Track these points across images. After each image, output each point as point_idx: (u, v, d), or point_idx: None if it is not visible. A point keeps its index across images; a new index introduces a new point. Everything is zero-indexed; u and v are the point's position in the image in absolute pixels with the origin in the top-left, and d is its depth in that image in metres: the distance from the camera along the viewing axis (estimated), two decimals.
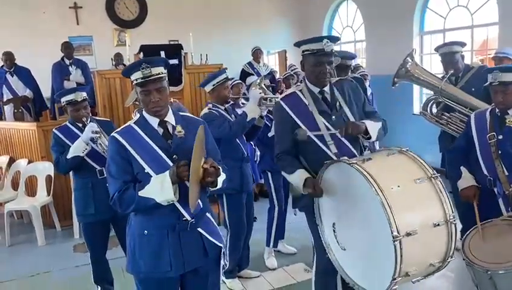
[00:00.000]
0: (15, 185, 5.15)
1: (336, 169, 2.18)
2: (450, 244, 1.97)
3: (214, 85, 3.36)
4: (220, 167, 1.98)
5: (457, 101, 3.59)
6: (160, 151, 1.99)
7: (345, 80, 2.61)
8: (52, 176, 4.80)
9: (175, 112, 2.12)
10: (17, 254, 4.47)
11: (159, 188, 1.88)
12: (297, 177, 2.34)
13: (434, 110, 3.87)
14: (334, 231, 2.27)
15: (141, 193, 1.91)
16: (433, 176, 1.99)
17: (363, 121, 2.37)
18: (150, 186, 1.91)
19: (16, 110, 5.98)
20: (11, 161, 5.30)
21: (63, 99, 3.05)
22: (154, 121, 2.05)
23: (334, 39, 2.35)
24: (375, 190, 1.87)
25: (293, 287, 3.47)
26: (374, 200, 1.87)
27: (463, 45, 3.85)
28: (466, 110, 3.55)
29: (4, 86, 6.07)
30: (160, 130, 2.05)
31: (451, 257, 1.99)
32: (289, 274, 3.67)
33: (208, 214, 2.14)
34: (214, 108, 3.34)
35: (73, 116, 3.06)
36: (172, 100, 4.06)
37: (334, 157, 2.27)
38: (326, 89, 2.43)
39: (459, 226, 2.03)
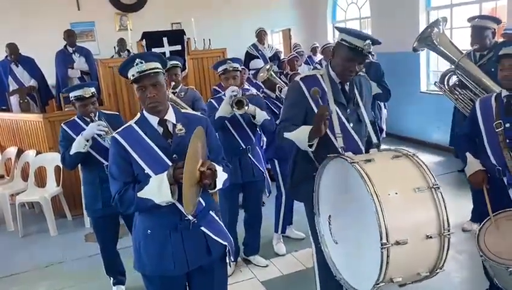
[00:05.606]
0: (25, 176, 5.21)
1: (338, 164, 2.16)
2: (441, 256, 1.93)
3: (217, 73, 3.50)
4: (219, 167, 1.97)
5: (471, 79, 3.49)
6: (159, 152, 1.98)
7: (361, 75, 2.55)
8: (61, 166, 4.82)
9: (176, 110, 2.09)
10: (30, 245, 4.55)
11: (157, 190, 1.88)
12: (301, 131, 2.24)
13: (451, 83, 3.78)
14: (329, 223, 2.27)
15: (140, 194, 1.91)
16: (434, 186, 1.93)
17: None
18: (149, 187, 1.91)
19: (21, 101, 5.99)
20: (20, 152, 5.33)
21: (71, 95, 3.07)
22: (154, 120, 2.02)
23: (376, 42, 2.27)
24: (371, 193, 1.84)
25: (302, 272, 3.50)
26: (369, 204, 1.84)
27: (498, 22, 3.64)
28: (478, 89, 3.45)
29: (10, 76, 6.08)
30: (160, 129, 2.02)
31: (441, 269, 1.95)
32: (298, 260, 3.71)
33: (211, 212, 2.12)
34: (216, 96, 3.53)
35: (81, 111, 3.07)
36: (191, 87, 4.11)
37: (340, 151, 2.25)
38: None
39: (453, 238, 1.98)
